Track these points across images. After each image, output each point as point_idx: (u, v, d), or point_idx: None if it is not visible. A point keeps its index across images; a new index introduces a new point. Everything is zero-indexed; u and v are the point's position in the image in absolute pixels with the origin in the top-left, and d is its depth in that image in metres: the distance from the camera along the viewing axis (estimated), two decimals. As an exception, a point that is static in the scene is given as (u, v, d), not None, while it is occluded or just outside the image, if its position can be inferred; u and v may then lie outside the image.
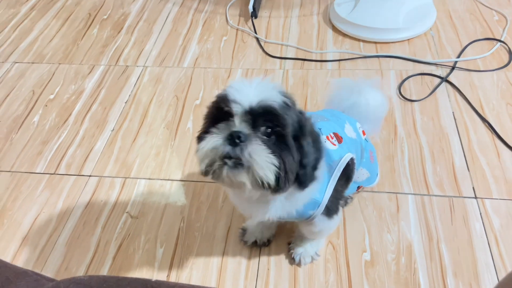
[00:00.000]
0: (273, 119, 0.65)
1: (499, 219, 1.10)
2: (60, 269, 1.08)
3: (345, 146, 0.88)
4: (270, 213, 0.80)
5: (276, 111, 0.65)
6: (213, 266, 1.06)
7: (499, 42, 1.63)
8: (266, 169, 0.64)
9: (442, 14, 1.80)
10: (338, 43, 1.71)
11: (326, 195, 0.83)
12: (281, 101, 0.66)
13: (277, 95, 0.67)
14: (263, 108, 0.65)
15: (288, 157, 0.66)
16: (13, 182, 1.31)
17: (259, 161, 0.64)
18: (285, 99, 0.67)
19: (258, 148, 0.64)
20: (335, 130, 0.89)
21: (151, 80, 1.63)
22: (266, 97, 0.65)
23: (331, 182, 0.83)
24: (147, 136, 1.41)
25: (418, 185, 1.19)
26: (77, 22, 1.98)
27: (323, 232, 0.97)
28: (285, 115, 0.65)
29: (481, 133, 1.31)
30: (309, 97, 1.49)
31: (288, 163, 0.66)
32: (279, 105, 0.66)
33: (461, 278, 1.00)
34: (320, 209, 0.84)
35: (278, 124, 0.65)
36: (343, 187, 0.91)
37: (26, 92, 1.63)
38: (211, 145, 0.66)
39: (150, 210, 1.20)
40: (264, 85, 0.68)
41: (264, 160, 0.64)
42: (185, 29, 1.88)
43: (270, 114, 0.65)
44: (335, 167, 0.84)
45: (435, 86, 1.48)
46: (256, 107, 0.65)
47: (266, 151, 0.64)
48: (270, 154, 0.64)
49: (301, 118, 0.69)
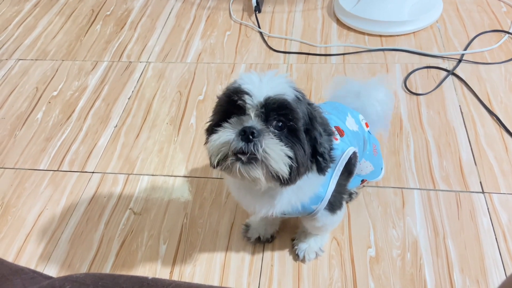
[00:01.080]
0: (286, 113, 0.65)
1: (507, 214, 1.08)
2: (64, 265, 1.08)
3: (346, 140, 0.87)
4: (276, 208, 0.79)
5: (290, 105, 0.65)
6: (216, 263, 1.06)
7: (507, 34, 1.60)
8: (281, 163, 0.64)
9: (449, 6, 1.77)
10: (343, 37, 1.69)
11: (329, 189, 0.82)
12: (293, 95, 0.67)
13: (289, 89, 0.67)
14: (277, 102, 0.65)
15: (300, 149, 0.66)
16: (17, 179, 1.31)
17: (273, 156, 0.63)
18: (296, 93, 0.68)
19: (272, 142, 0.64)
20: (336, 124, 0.88)
21: (154, 76, 1.62)
22: (280, 91, 0.65)
23: (333, 177, 0.82)
24: (150, 132, 1.41)
25: (424, 179, 1.17)
26: (80, 19, 1.97)
27: (327, 227, 0.96)
28: (297, 109, 0.66)
29: (489, 127, 1.29)
30: (313, 91, 1.47)
31: (300, 156, 0.66)
32: (292, 99, 0.66)
33: (468, 274, 0.98)
34: (323, 204, 0.83)
35: (291, 118, 0.65)
36: (345, 181, 0.90)
37: (29, 89, 1.63)
38: (224, 140, 0.65)
39: (153, 206, 1.19)
40: (276, 79, 0.68)
41: (279, 154, 0.64)
42: (188, 24, 1.87)
43: (283, 108, 0.65)
44: (337, 162, 0.82)
45: (442, 79, 1.45)
46: (270, 100, 0.65)
47: (280, 144, 0.64)
48: (284, 147, 0.65)
49: (310, 111, 0.69)
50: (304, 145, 0.67)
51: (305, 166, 0.69)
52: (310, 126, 0.69)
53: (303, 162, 0.68)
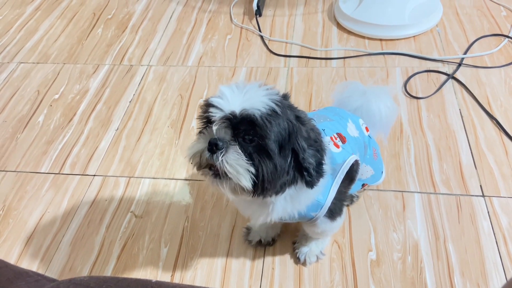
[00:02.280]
0: (253, 129, 0.65)
1: (507, 217, 1.08)
2: (65, 269, 1.09)
3: (348, 146, 0.87)
4: (270, 215, 0.80)
5: (256, 121, 0.64)
6: (218, 266, 1.06)
7: (506, 38, 1.60)
8: (241, 177, 0.65)
9: (449, 10, 1.78)
10: (343, 41, 1.70)
11: (329, 197, 0.82)
12: (267, 109, 0.65)
13: (262, 103, 0.65)
14: (243, 117, 0.65)
15: (268, 165, 0.66)
16: (18, 182, 1.31)
17: (231, 170, 0.65)
18: (274, 106, 0.66)
19: (233, 157, 0.65)
20: (339, 131, 0.88)
21: (156, 79, 1.63)
22: (249, 105, 0.65)
23: (334, 185, 0.83)
24: (151, 135, 1.41)
25: (424, 183, 1.18)
26: (81, 22, 1.98)
27: (326, 232, 0.96)
28: (266, 124, 0.64)
29: (489, 130, 1.29)
30: (314, 95, 1.48)
31: (267, 171, 0.66)
32: (262, 114, 0.64)
33: (468, 277, 0.98)
34: (323, 211, 0.83)
35: (257, 134, 0.65)
36: (346, 188, 0.91)
37: (31, 92, 1.63)
38: (195, 150, 0.68)
39: (155, 209, 1.20)
40: (253, 92, 0.67)
41: (237, 168, 0.65)
42: (189, 28, 1.87)
43: (249, 123, 0.65)
44: (338, 170, 0.83)
45: (442, 83, 1.46)
46: (236, 115, 0.65)
47: (241, 159, 0.65)
48: (246, 162, 0.65)
49: (292, 126, 0.68)
50: (275, 160, 0.66)
51: (278, 181, 0.69)
52: (287, 142, 0.67)
53: (272, 177, 0.67)
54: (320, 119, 0.90)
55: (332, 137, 0.86)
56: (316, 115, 0.92)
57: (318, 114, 0.94)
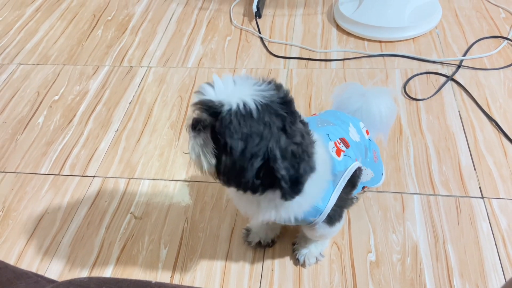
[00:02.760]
0: (216, 122, 0.64)
1: (506, 219, 1.08)
2: (64, 269, 1.09)
3: (352, 152, 0.87)
4: (259, 215, 0.79)
5: (221, 115, 0.63)
6: (217, 267, 1.06)
7: (506, 40, 1.61)
8: (197, 162, 0.69)
9: (448, 12, 1.78)
10: (343, 42, 1.70)
11: (329, 204, 0.82)
12: (242, 108, 0.63)
13: (241, 100, 0.63)
14: (213, 108, 0.64)
15: (226, 160, 0.66)
16: (18, 183, 1.31)
17: (193, 153, 0.69)
18: (252, 107, 0.63)
19: (196, 142, 0.68)
20: (342, 135, 0.88)
21: (155, 81, 1.63)
22: (226, 99, 0.64)
23: (335, 192, 0.83)
24: (151, 137, 1.41)
25: (423, 184, 1.18)
26: (81, 23, 1.98)
27: (325, 236, 0.96)
28: (233, 121, 0.63)
29: (488, 132, 1.30)
30: (314, 97, 1.48)
31: (225, 165, 0.66)
32: (232, 110, 0.63)
33: (467, 279, 0.98)
34: (322, 217, 0.83)
35: (220, 128, 0.64)
36: (347, 194, 0.90)
37: (31, 93, 1.64)
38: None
39: (154, 210, 1.20)
40: (240, 87, 0.65)
41: (200, 154, 0.68)
42: (189, 29, 1.88)
43: (215, 116, 0.64)
44: (340, 177, 0.83)
45: (441, 85, 1.46)
46: (208, 104, 0.65)
47: (206, 146, 0.67)
48: (211, 151, 0.67)
49: (266, 132, 0.64)
50: (234, 158, 0.65)
51: (237, 178, 0.68)
52: (254, 145, 0.64)
53: (231, 174, 0.67)
54: (323, 123, 0.90)
55: (336, 142, 0.86)
56: (319, 119, 0.92)
57: (320, 118, 0.93)
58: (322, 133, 0.86)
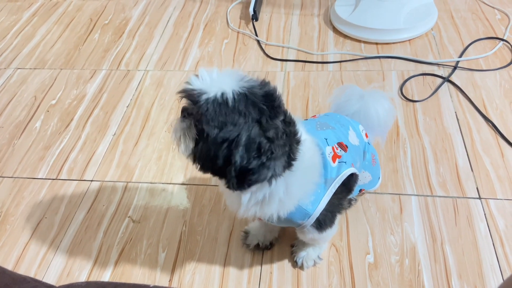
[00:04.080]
0: (193, 108, 0.68)
1: (504, 219, 1.09)
2: (63, 274, 1.08)
3: (349, 156, 0.87)
4: (241, 210, 0.79)
5: (199, 103, 0.67)
6: (216, 270, 1.06)
7: (501, 41, 1.62)
8: (178, 145, 0.72)
9: (444, 14, 1.79)
10: (339, 45, 1.71)
11: (318, 208, 0.82)
12: (220, 96, 0.65)
13: (220, 89, 0.66)
14: (192, 96, 0.68)
15: (202, 146, 0.69)
16: (15, 187, 1.31)
17: (175, 135, 0.73)
18: (229, 96, 0.65)
19: (180, 126, 0.72)
20: (340, 139, 0.88)
21: (153, 84, 1.63)
22: (205, 88, 0.67)
23: (325, 197, 0.83)
24: (149, 140, 1.41)
25: (421, 186, 1.18)
26: (78, 27, 1.98)
27: (316, 241, 0.96)
28: (209, 109, 0.66)
29: (484, 133, 1.30)
30: (311, 99, 1.48)
31: (201, 150, 0.70)
32: (208, 99, 0.66)
33: (466, 279, 0.99)
34: (310, 221, 0.83)
35: (197, 115, 0.67)
36: (341, 200, 0.90)
37: (28, 97, 1.64)
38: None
39: (152, 214, 1.20)
40: (221, 78, 0.68)
41: (181, 137, 0.72)
42: (186, 32, 1.88)
43: (195, 103, 0.67)
44: (331, 183, 0.83)
45: (437, 86, 1.47)
46: (189, 92, 0.68)
47: (187, 131, 0.71)
48: (190, 136, 0.70)
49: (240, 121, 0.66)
50: (209, 145, 0.68)
51: (209, 164, 0.71)
52: (228, 132, 0.66)
53: (205, 159, 0.70)
54: (323, 127, 0.90)
55: (333, 147, 0.86)
56: (318, 122, 0.92)
57: (320, 121, 0.93)
58: (321, 137, 0.86)
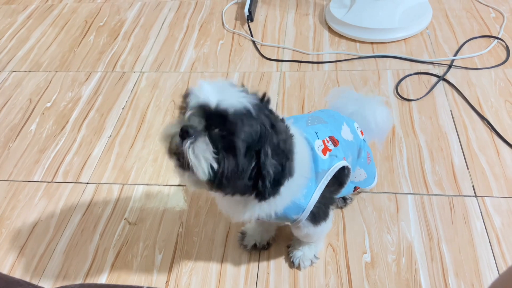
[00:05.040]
0: (224, 123, 0.64)
1: (500, 217, 1.09)
2: (59, 277, 1.08)
3: (340, 150, 0.87)
4: (245, 214, 0.79)
5: (228, 116, 0.64)
6: (213, 271, 1.05)
7: (496, 39, 1.62)
8: (200, 168, 0.64)
9: (438, 13, 1.79)
10: (335, 44, 1.71)
11: (311, 201, 0.82)
12: (242, 108, 0.65)
13: (238, 102, 0.65)
14: (217, 109, 0.64)
15: (230, 162, 0.65)
16: (10, 191, 1.30)
17: (194, 159, 0.64)
18: (250, 107, 0.65)
19: (200, 146, 0.64)
20: (332, 134, 0.88)
21: (148, 86, 1.63)
22: (225, 100, 0.64)
23: (317, 190, 0.83)
24: (144, 142, 1.41)
25: (417, 184, 1.18)
26: (73, 30, 1.98)
27: (312, 236, 0.95)
28: (238, 121, 0.64)
29: (480, 131, 1.30)
30: (307, 99, 1.48)
31: (228, 168, 0.65)
32: (234, 111, 0.64)
33: (462, 278, 0.99)
34: (305, 215, 0.83)
35: (228, 129, 0.64)
36: (333, 193, 0.90)
37: (23, 100, 1.63)
38: (167, 132, 0.67)
39: (148, 216, 1.19)
40: (230, 90, 0.67)
41: (201, 159, 0.64)
42: (181, 34, 1.88)
43: (221, 117, 0.64)
44: (323, 176, 0.83)
45: (433, 85, 1.47)
46: (210, 105, 0.64)
47: (208, 150, 0.64)
48: (211, 155, 0.64)
49: (265, 131, 0.66)
50: (239, 159, 0.65)
51: (238, 181, 0.67)
52: (256, 144, 0.66)
53: (232, 176, 0.66)
54: (314, 121, 0.90)
55: (324, 140, 0.86)
56: (311, 117, 0.93)
57: (312, 116, 0.94)
58: (311, 131, 0.86)
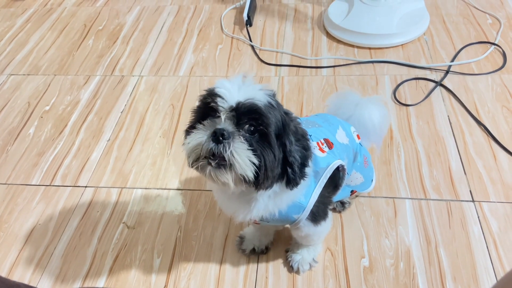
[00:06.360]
0: (257, 118, 0.67)
1: (497, 222, 1.10)
2: (57, 281, 1.08)
3: (336, 152, 0.88)
4: (252, 213, 0.80)
5: (260, 110, 0.67)
6: (211, 275, 1.05)
7: (493, 45, 1.63)
8: (246, 167, 0.66)
9: (436, 19, 1.81)
10: (333, 50, 1.72)
11: (311, 200, 0.83)
12: (266, 101, 0.68)
13: (262, 95, 0.68)
14: (248, 106, 0.67)
15: (269, 155, 0.68)
16: (9, 194, 1.30)
17: (239, 159, 0.65)
18: (270, 99, 0.69)
19: (240, 146, 0.66)
20: (326, 136, 0.89)
21: (147, 89, 1.63)
22: (252, 96, 0.67)
23: (317, 188, 0.84)
24: (143, 146, 1.41)
25: (415, 189, 1.19)
26: (72, 33, 1.98)
27: (312, 237, 0.96)
28: (268, 114, 0.67)
29: (477, 136, 1.31)
30: (305, 103, 1.49)
31: (269, 161, 0.68)
32: (263, 105, 0.67)
33: (460, 282, 0.99)
34: (305, 214, 0.84)
35: (261, 123, 0.67)
36: (330, 193, 0.92)
37: (21, 104, 1.63)
38: (196, 142, 0.67)
39: (147, 220, 1.19)
40: (251, 86, 0.69)
41: (244, 158, 0.66)
42: (180, 38, 1.88)
43: (254, 112, 0.67)
44: (322, 174, 0.84)
45: (430, 90, 1.48)
46: (241, 105, 0.66)
47: (247, 149, 0.66)
48: (251, 152, 0.66)
49: (285, 119, 0.70)
50: (275, 150, 0.69)
51: (275, 171, 0.70)
52: (282, 132, 0.70)
53: (273, 167, 0.69)
54: (308, 125, 0.91)
55: (318, 143, 0.87)
56: (306, 121, 0.93)
57: (307, 120, 0.95)
58: None
